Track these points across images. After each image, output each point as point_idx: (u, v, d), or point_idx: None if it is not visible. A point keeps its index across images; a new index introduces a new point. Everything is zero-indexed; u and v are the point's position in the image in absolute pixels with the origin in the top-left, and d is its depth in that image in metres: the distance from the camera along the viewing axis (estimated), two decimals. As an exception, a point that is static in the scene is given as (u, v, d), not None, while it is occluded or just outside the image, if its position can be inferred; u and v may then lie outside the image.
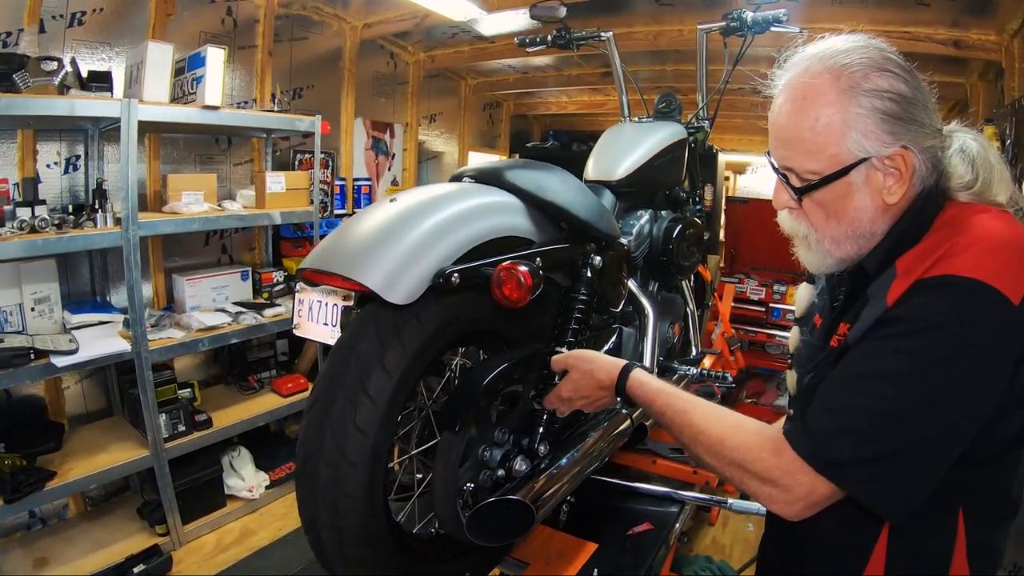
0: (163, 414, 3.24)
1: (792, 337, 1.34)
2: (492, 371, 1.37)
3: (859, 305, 1.07)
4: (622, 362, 1.32)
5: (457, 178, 1.56)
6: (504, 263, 1.28)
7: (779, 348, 5.72)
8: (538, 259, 1.40)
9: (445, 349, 1.42)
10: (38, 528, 3.32)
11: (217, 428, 3.53)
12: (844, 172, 1.04)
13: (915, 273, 0.97)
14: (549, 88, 6.99)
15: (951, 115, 5.56)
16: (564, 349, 1.55)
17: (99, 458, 3.09)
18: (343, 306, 1.46)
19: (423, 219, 1.27)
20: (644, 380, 1.27)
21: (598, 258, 1.66)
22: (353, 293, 1.35)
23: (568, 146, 7.81)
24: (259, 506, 3.78)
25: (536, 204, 1.53)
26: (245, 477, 3.77)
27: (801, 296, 1.35)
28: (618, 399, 1.33)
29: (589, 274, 1.64)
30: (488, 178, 1.52)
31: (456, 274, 1.22)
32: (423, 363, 1.29)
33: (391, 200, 1.32)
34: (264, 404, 3.88)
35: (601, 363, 1.35)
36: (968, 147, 1.10)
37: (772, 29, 2.51)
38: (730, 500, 2.22)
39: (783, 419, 1.26)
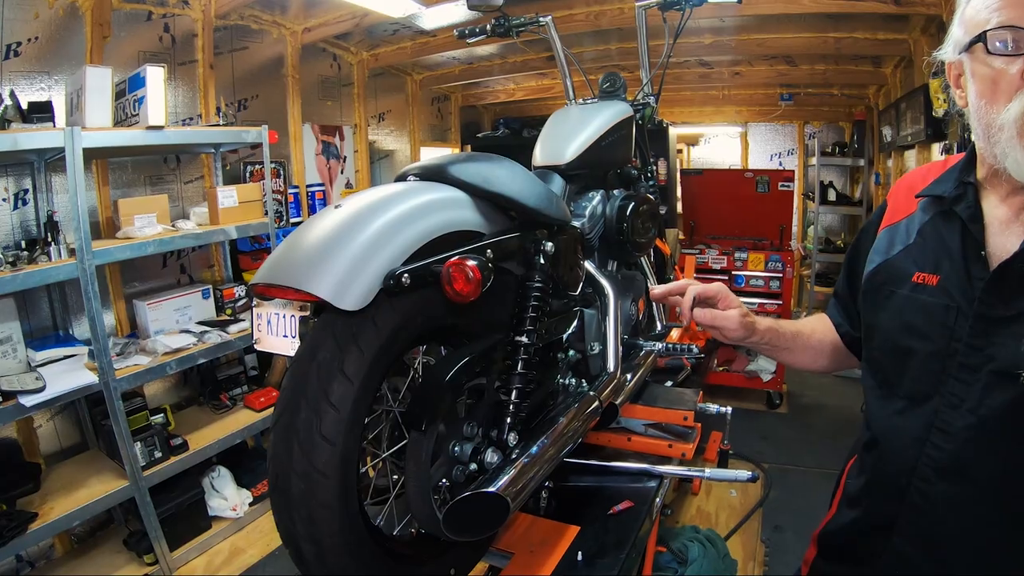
0: (138, 442, 3.21)
1: None
2: (454, 366, 1.36)
3: None
4: None
5: (402, 177, 1.55)
6: (452, 259, 1.28)
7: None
8: (489, 251, 1.40)
9: (406, 349, 1.41)
10: (26, 572, 3.28)
11: (194, 450, 3.51)
12: None
13: None
14: (495, 77, 6.97)
15: (897, 71, 5.64)
16: (524, 338, 1.56)
17: (79, 494, 3.06)
18: (300, 317, 1.45)
19: (368, 222, 1.26)
20: None
21: (550, 244, 1.65)
22: (308, 303, 1.34)
23: (519, 133, 7.85)
24: (245, 524, 3.77)
25: (483, 196, 1.53)
26: (227, 496, 3.75)
27: None
28: None
29: (542, 261, 1.64)
30: (432, 174, 1.52)
31: (406, 274, 1.22)
32: (384, 365, 1.28)
33: (335, 207, 1.31)
34: (239, 421, 3.87)
35: None
36: None
37: (709, 1, 2.53)
38: (707, 471, 2.23)
39: None
